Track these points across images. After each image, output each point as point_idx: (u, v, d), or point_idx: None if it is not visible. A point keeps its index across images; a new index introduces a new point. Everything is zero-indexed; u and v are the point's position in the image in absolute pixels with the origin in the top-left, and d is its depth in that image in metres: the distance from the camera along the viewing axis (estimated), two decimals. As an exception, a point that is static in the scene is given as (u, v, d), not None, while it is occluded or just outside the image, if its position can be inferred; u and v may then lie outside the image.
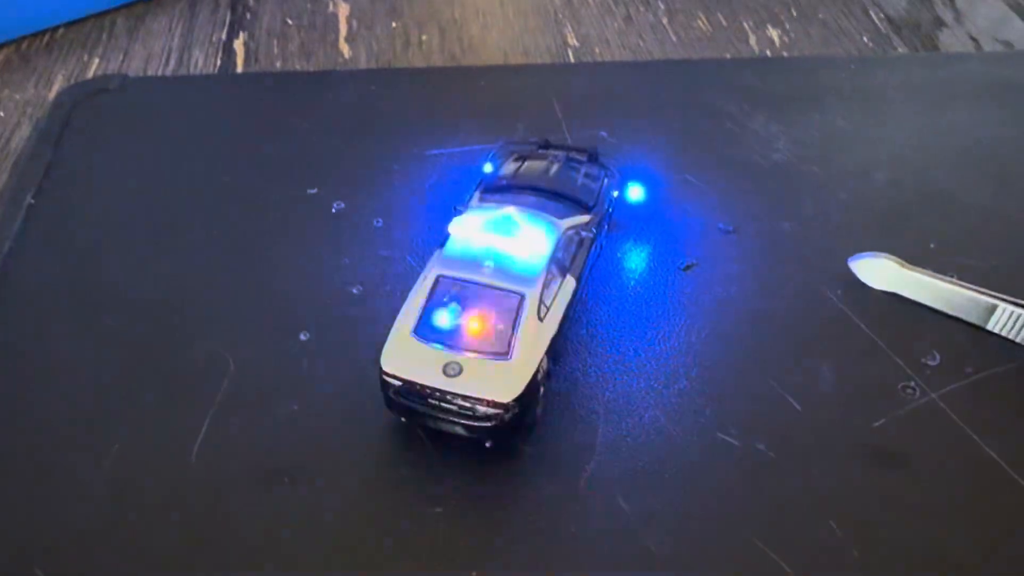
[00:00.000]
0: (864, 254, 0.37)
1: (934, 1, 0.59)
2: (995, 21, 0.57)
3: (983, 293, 0.35)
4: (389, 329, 0.30)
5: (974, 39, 0.55)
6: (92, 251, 0.38)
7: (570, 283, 0.32)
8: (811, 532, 0.29)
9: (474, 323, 0.29)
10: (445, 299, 0.30)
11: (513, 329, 0.29)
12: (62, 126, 0.44)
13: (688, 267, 0.37)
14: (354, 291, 0.36)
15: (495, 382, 0.28)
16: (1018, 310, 0.34)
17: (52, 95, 0.49)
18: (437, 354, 0.29)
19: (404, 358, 0.29)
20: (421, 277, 0.31)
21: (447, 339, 0.29)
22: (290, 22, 0.56)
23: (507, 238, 0.31)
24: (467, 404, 0.28)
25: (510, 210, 0.32)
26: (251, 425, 0.31)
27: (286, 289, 0.36)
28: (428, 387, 0.28)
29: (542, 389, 0.30)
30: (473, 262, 0.30)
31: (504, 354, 0.28)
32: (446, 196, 0.40)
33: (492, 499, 0.29)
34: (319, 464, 0.30)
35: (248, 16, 0.57)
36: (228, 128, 0.45)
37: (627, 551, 0.28)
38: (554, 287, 0.31)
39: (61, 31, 0.55)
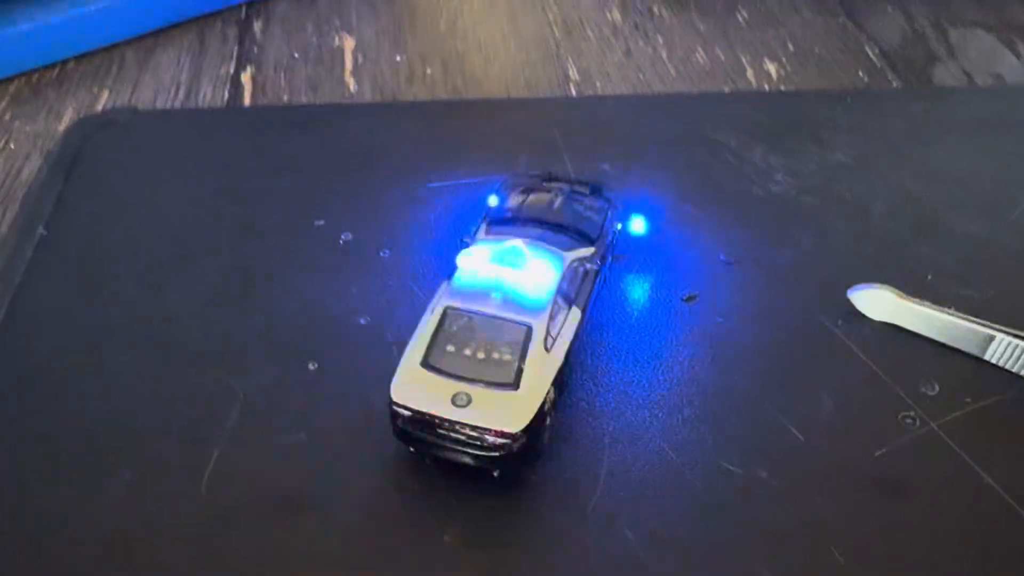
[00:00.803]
0: (863, 285, 0.37)
1: (928, 36, 0.60)
2: (987, 55, 0.58)
3: (981, 324, 0.35)
4: (396, 359, 0.30)
5: (967, 73, 0.56)
6: (102, 281, 0.39)
7: (576, 314, 0.32)
8: (813, 559, 0.29)
9: (482, 354, 0.30)
10: (454, 330, 0.30)
11: (521, 360, 0.29)
12: (73, 158, 0.45)
13: (690, 298, 0.38)
14: (362, 321, 0.37)
15: (503, 412, 0.29)
16: (1015, 341, 0.34)
17: (63, 127, 0.50)
18: (446, 385, 0.29)
19: (413, 388, 0.29)
20: (429, 308, 0.31)
21: (456, 370, 0.29)
22: (296, 56, 0.57)
23: (514, 270, 0.32)
24: (475, 434, 0.29)
25: (517, 242, 0.33)
26: (260, 454, 0.32)
27: (294, 319, 0.37)
28: (437, 417, 0.29)
29: (548, 419, 0.30)
30: (481, 293, 0.31)
31: (512, 385, 0.29)
32: (451, 227, 0.41)
33: (499, 527, 0.30)
34: (327, 493, 0.31)
35: (255, 50, 0.58)
36: (236, 160, 0.46)
37: (632, 579, 0.29)
38: (560, 318, 0.31)
39: (72, 64, 0.56)
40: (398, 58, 0.57)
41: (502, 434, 0.29)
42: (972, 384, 0.35)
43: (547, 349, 0.30)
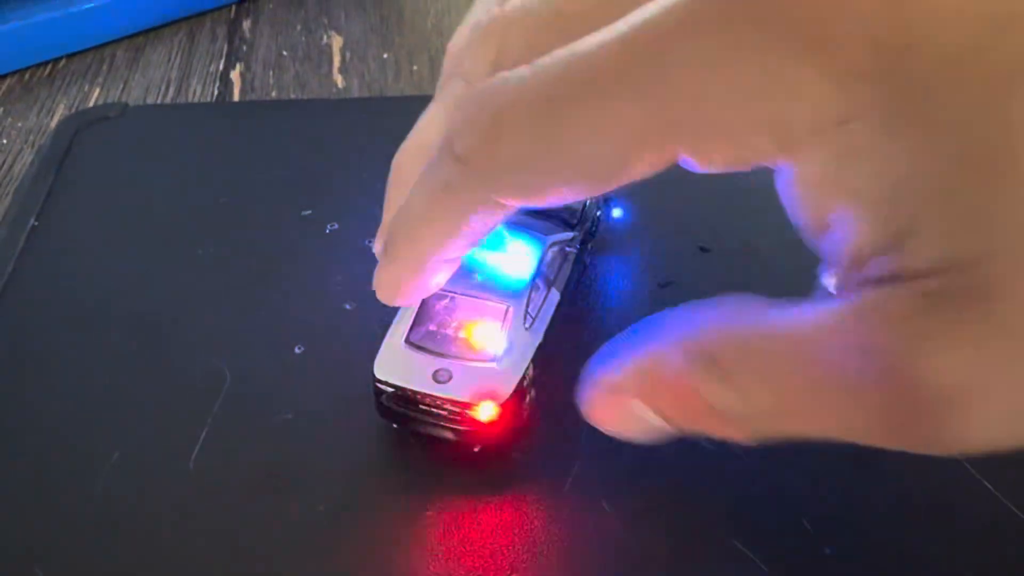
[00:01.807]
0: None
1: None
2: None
3: (949, 305, 0.36)
4: (380, 342, 0.31)
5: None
6: (93, 271, 0.40)
7: (555, 296, 0.33)
8: (786, 531, 0.30)
9: (463, 332, 0.30)
10: (436, 309, 0.31)
11: (501, 338, 0.30)
12: (64, 152, 0.46)
13: (666, 284, 0.39)
14: (347, 307, 0.38)
15: (483, 388, 0.29)
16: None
17: (54, 123, 0.51)
18: (428, 361, 0.30)
19: (395, 365, 0.30)
20: None
21: (437, 347, 0.30)
22: (285, 54, 0.58)
23: (495, 252, 0.33)
24: (456, 409, 0.30)
25: (499, 226, 0.33)
26: (247, 434, 0.33)
27: (281, 306, 0.38)
28: (419, 393, 0.30)
29: (528, 396, 0.31)
30: (463, 274, 0.32)
31: (492, 361, 0.30)
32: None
33: (481, 501, 0.31)
34: (313, 471, 0.31)
35: (244, 48, 0.59)
36: (225, 153, 0.47)
37: (610, 552, 0.29)
38: (539, 299, 0.32)
39: (63, 62, 0.57)
40: (385, 55, 0.58)
41: (482, 409, 0.29)
42: (941, 363, 0.35)
43: (526, 328, 0.31)
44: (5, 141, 0.50)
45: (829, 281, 0.20)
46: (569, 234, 0.35)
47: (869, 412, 0.19)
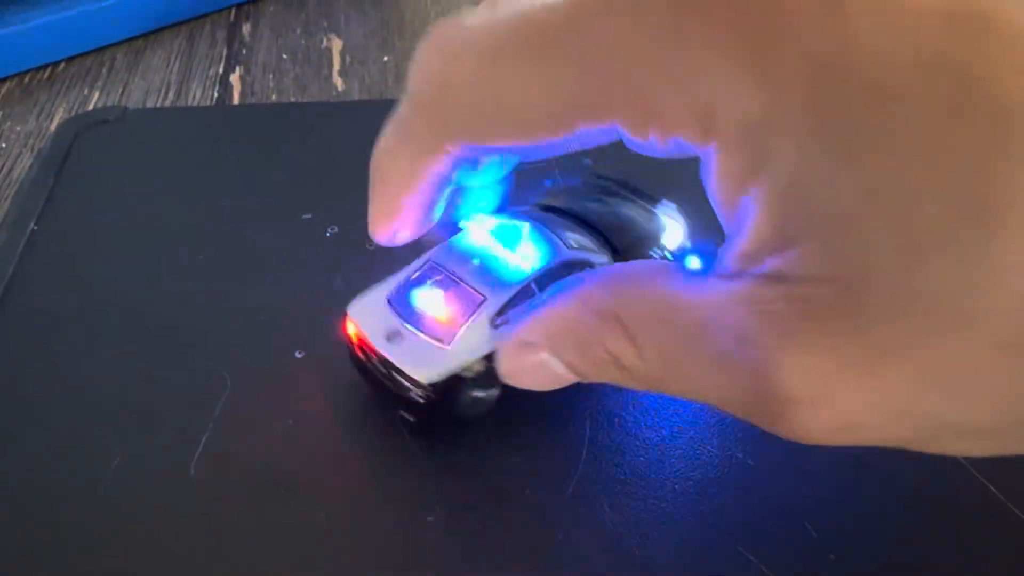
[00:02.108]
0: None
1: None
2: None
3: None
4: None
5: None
6: (93, 274, 0.39)
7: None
8: (789, 536, 0.30)
9: (436, 309, 0.31)
10: (425, 281, 0.32)
11: (462, 324, 0.30)
12: (63, 155, 0.46)
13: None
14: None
15: (422, 362, 0.30)
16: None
17: (53, 127, 0.51)
18: (392, 321, 0.31)
19: (365, 313, 0.31)
20: (423, 258, 0.33)
21: (405, 312, 0.31)
22: (285, 57, 0.58)
23: (504, 247, 0.32)
24: (393, 373, 0.30)
25: (523, 224, 0.33)
26: (247, 439, 0.32)
27: (282, 309, 0.38)
28: (367, 345, 0.31)
29: (476, 392, 0.31)
30: (465, 257, 0.32)
31: (442, 341, 0.30)
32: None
33: (481, 507, 0.30)
34: (312, 476, 0.31)
35: (244, 51, 0.59)
36: (225, 156, 0.47)
37: (612, 556, 0.29)
38: (524, 305, 0.32)
39: (63, 65, 0.57)
40: (386, 58, 0.58)
41: (412, 381, 0.30)
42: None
43: (495, 326, 0.31)
44: (4, 145, 0.50)
45: (729, 258, 0.21)
46: (604, 259, 0.35)
47: (736, 391, 0.20)
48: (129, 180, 0.45)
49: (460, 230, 0.33)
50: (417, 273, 0.32)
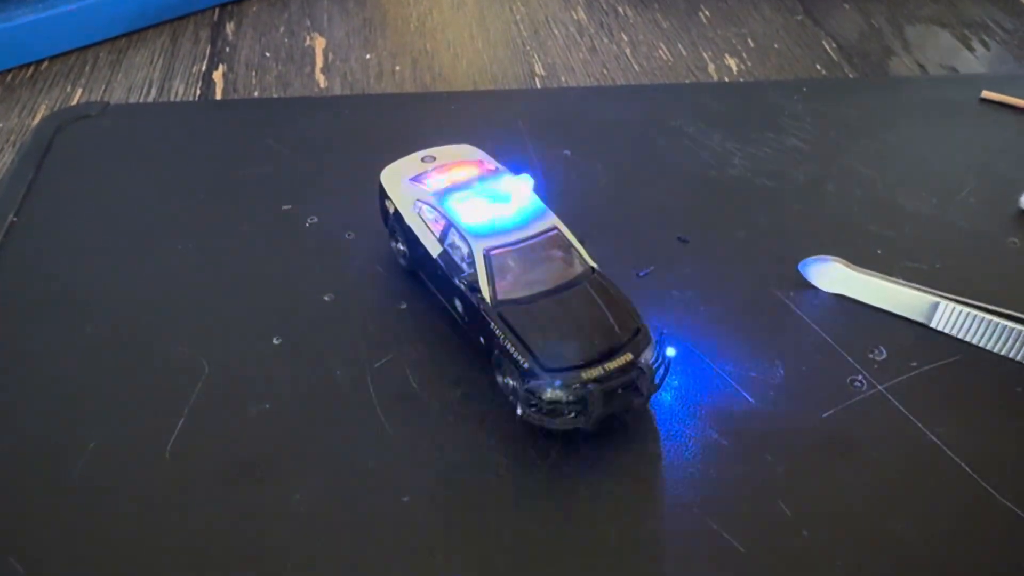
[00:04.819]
0: (813, 258, 0.38)
1: (884, 32, 0.62)
2: (941, 50, 0.60)
3: (926, 291, 0.36)
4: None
5: (921, 66, 0.58)
6: (72, 265, 0.39)
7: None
8: (763, 514, 0.30)
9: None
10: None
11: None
12: (44, 149, 0.46)
13: (646, 273, 0.39)
14: (326, 298, 0.38)
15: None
16: (959, 307, 0.36)
17: (35, 123, 0.51)
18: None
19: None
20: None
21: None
22: (268, 55, 0.59)
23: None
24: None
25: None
26: (224, 423, 0.32)
27: (261, 297, 0.38)
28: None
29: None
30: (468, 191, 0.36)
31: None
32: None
33: (455, 486, 0.31)
34: (289, 460, 0.31)
35: (227, 49, 0.59)
36: (206, 150, 0.47)
37: (587, 534, 0.29)
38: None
39: (46, 64, 0.57)
40: (368, 56, 0.59)
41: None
42: (918, 349, 0.36)
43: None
44: (-14, 141, 0.50)
45: None
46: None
47: None
48: (110, 173, 0.45)
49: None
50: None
